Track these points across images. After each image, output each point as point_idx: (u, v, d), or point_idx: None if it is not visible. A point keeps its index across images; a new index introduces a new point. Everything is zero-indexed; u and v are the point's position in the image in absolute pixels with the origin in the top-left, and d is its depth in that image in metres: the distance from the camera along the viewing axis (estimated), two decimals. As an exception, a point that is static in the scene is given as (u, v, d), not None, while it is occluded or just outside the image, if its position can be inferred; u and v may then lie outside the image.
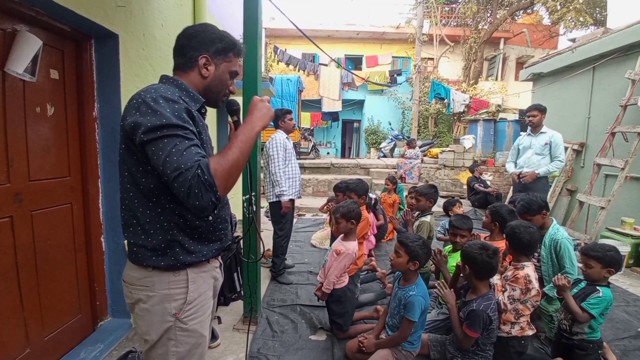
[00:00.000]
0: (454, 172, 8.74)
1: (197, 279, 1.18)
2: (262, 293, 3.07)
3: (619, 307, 3.14)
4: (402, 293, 2.04)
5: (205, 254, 1.19)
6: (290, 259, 4.01)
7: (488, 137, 9.81)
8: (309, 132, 11.26)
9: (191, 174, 0.96)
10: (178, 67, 1.22)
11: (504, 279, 2.13)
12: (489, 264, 1.91)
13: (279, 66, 13.16)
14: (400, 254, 2.03)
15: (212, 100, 1.26)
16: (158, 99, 1.03)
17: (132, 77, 2.35)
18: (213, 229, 1.22)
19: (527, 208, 2.56)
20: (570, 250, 2.43)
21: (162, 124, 0.99)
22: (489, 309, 1.88)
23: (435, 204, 3.26)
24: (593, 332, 2.04)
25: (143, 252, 1.12)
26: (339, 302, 2.44)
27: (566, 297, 2.03)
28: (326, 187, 7.81)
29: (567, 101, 5.94)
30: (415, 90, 11.73)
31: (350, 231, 2.46)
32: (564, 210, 5.71)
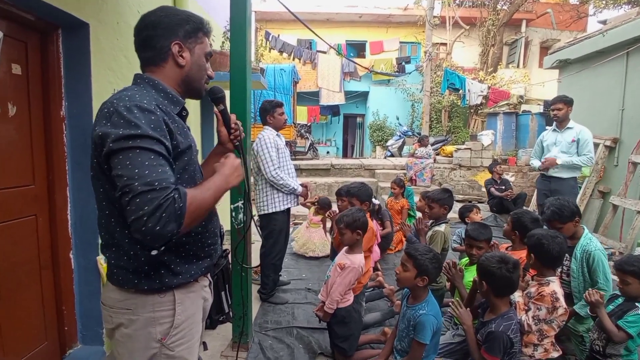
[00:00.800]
0: (471, 172, 8.77)
1: (185, 300, 1.20)
2: (253, 314, 3.07)
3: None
4: (411, 312, 2.05)
5: (193, 274, 1.21)
6: (285, 274, 4.01)
7: (509, 133, 9.83)
8: (305, 128, 11.31)
9: (165, 194, 0.95)
10: (148, 62, 1.21)
11: (527, 296, 2.14)
12: (509, 279, 1.92)
13: (271, 54, 13.22)
14: (408, 267, 2.04)
15: (195, 90, 1.27)
16: (132, 108, 1.02)
17: (105, 71, 2.36)
18: (202, 244, 1.24)
19: (559, 214, 2.57)
20: (605, 263, 2.44)
21: (135, 134, 0.99)
22: (509, 330, 1.89)
23: (451, 210, 3.27)
24: (630, 355, 2.06)
25: (124, 274, 1.14)
26: (343, 323, 2.44)
27: (600, 315, 2.04)
28: (326, 191, 7.82)
29: (597, 91, 5.97)
30: (426, 80, 11.77)
31: (356, 243, 2.47)
32: (595, 215, 5.73)
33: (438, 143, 10.66)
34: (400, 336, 2.15)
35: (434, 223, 3.19)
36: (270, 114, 3.33)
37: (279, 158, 3.29)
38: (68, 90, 2.22)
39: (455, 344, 2.46)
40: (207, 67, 1.28)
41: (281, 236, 3.39)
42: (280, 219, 3.34)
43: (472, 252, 2.62)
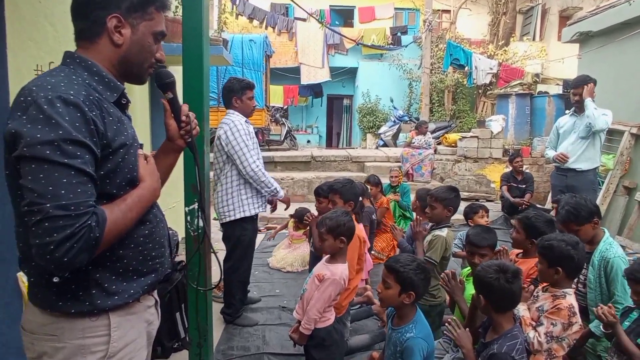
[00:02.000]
0: (478, 165, 8.94)
1: (123, 325, 1.19)
2: (216, 339, 3.06)
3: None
4: (397, 336, 2.09)
5: (133, 293, 1.20)
6: (255, 289, 4.02)
7: (523, 118, 10.04)
8: (281, 112, 11.31)
9: (81, 222, 0.97)
10: (81, 36, 1.19)
11: (538, 311, 2.20)
12: (509, 290, 1.97)
13: (238, 22, 13.10)
14: (390, 284, 2.06)
15: (134, 75, 1.26)
16: (55, 101, 1.00)
17: (25, 42, 2.29)
18: (144, 258, 1.23)
19: (575, 215, 2.65)
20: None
21: (57, 139, 0.97)
22: (514, 351, 1.95)
23: (455, 212, 3.31)
24: (654, 378, 2.14)
25: (46, 294, 1.13)
26: (322, 347, 2.46)
27: (616, 333, 2.12)
28: (306, 189, 7.84)
29: (623, 70, 6.15)
30: (426, 55, 11.89)
31: (340, 251, 2.49)
32: (620, 214, 5.93)
33: (439, 130, 10.81)
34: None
35: (434, 226, 3.22)
36: (237, 96, 3.24)
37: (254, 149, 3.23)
38: (-23, 66, 2.16)
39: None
40: (156, 49, 1.27)
41: (250, 248, 3.38)
42: (249, 227, 3.32)
43: (473, 260, 2.67)
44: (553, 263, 2.21)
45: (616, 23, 6.21)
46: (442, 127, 11.15)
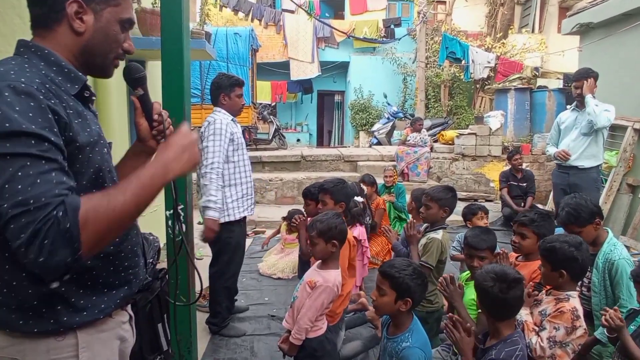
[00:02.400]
0: (476, 164, 8.99)
1: (93, 344, 1.17)
2: (200, 351, 3.05)
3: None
4: (392, 346, 2.09)
5: (103, 308, 1.18)
6: (243, 297, 4.00)
7: (522, 114, 10.12)
8: (269, 110, 11.30)
9: (43, 214, 0.90)
10: (38, 22, 1.14)
11: (541, 315, 2.22)
12: (503, 300, 1.97)
13: (223, 14, 13.05)
14: (385, 290, 2.05)
15: (97, 66, 1.22)
16: (4, 90, 0.96)
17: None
18: (115, 269, 1.21)
19: (575, 216, 2.68)
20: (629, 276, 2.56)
21: (7, 132, 0.93)
22: (513, 357, 1.96)
23: (452, 213, 3.33)
24: (660, 384, 2.17)
25: (5, 314, 1.09)
26: (313, 357, 2.45)
27: (622, 338, 2.14)
28: (295, 191, 7.83)
29: (625, 62, 6.23)
30: (421, 48, 11.96)
31: (331, 256, 2.48)
32: (624, 213, 6.00)
33: (436, 127, 10.87)
34: None
35: (428, 228, 3.23)
36: (225, 93, 3.24)
37: (233, 152, 3.22)
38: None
39: (455, 378, 2.53)
40: (123, 38, 1.23)
41: (237, 253, 3.36)
42: (237, 230, 3.31)
43: (472, 263, 2.69)
44: (557, 266, 2.22)
45: (617, 14, 6.29)
46: (439, 123, 11.21)
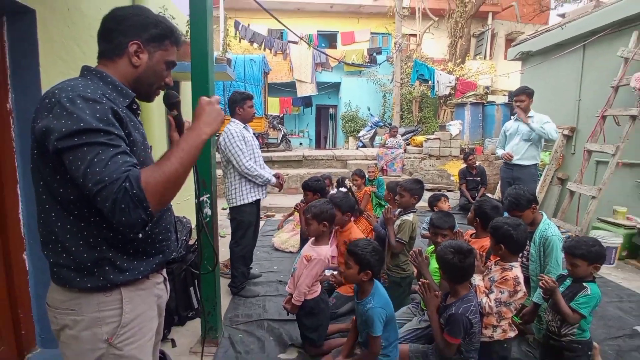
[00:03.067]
0: (440, 162, 8.98)
1: (134, 299, 1.17)
2: (224, 308, 3.04)
3: (611, 303, 3.35)
4: (361, 308, 2.09)
5: (142, 270, 1.18)
6: (257, 267, 3.99)
7: (476, 123, 10.09)
8: (278, 120, 11.20)
9: (116, 186, 0.95)
10: (103, 55, 1.19)
11: (490, 281, 2.22)
12: (460, 268, 2.00)
13: (241, 45, 12.93)
14: (350, 265, 2.06)
15: (143, 93, 1.25)
16: (75, 99, 0.99)
17: (55, 60, 2.23)
18: (152, 241, 1.21)
19: (516, 204, 2.67)
20: (558, 248, 2.56)
21: (80, 129, 0.97)
22: (468, 312, 1.97)
23: (420, 200, 3.33)
24: (582, 333, 2.17)
25: (65, 273, 1.10)
26: (311, 314, 2.46)
27: (555, 299, 2.14)
28: (298, 183, 7.79)
29: (557, 82, 6.22)
30: (396, 71, 11.90)
31: (323, 234, 2.48)
32: (555, 200, 6.01)
33: (408, 133, 10.82)
34: (360, 330, 2.19)
35: (402, 212, 3.23)
36: (239, 106, 3.28)
37: (247, 149, 3.25)
38: (15, 81, 2.08)
39: (422, 329, 2.53)
40: (166, 74, 1.27)
41: (250, 229, 3.36)
42: (249, 210, 3.32)
43: (437, 239, 2.69)
44: (498, 241, 2.23)
45: (551, 44, 6.28)
46: (411, 130, 11.17)
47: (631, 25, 4.93)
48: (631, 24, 4.94)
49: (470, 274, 2.07)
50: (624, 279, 3.96)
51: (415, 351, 2.31)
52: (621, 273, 4.13)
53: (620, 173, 4.80)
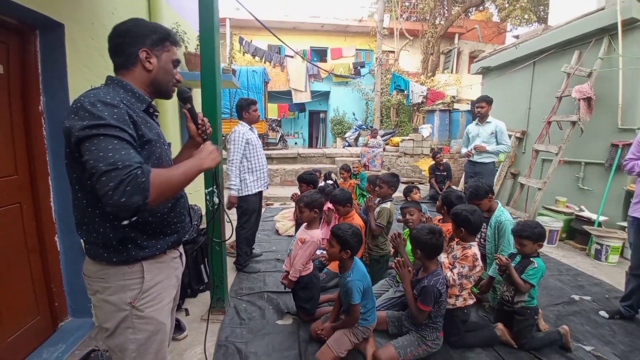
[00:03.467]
0: (413, 159, 9.03)
1: (153, 269, 1.19)
2: (230, 283, 3.04)
3: (552, 276, 3.43)
4: (342, 281, 2.11)
5: (160, 247, 1.20)
6: (258, 247, 3.98)
7: (444, 126, 10.17)
8: (276, 123, 11.10)
9: (127, 171, 0.94)
10: (120, 67, 1.18)
11: (453, 258, 2.25)
12: (436, 245, 2.02)
13: (244, 58, 12.75)
14: (333, 244, 2.07)
15: (163, 92, 1.24)
16: (96, 103, 1.00)
17: (81, 68, 2.17)
18: (167, 224, 1.22)
19: (475, 194, 2.71)
20: (509, 231, 2.60)
21: (99, 123, 0.97)
22: (438, 284, 2.00)
23: (396, 191, 3.34)
24: (531, 300, 2.23)
25: (95, 249, 1.13)
26: (305, 288, 2.47)
27: (510, 274, 2.19)
28: (293, 177, 7.79)
29: (511, 93, 6.27)
30: (377, 82, 11.86)
31: (314, 220, 2.48)
32: (508, 192, 6.10)
33: (387, 135, 10.83)
34: (343, 299, 2.21)
35: (381, 201, 3.24)
36: (245, 110, 3.25)
37: (250, 149, 3.20)
38: (46, 87, 2.03)
39: (397, 298, 2.56)
40: (175, 72, 1.25)
41: (253, 215, 3.34)
42: (252, 200, 3.29)
43: (406, 217, 2.73)
44: (458, 225, 2.26)
45: (507, 61, 6.32)
46: (389, 132, 11.17)
47: (573, 45, 4.99)
48: (573, 44, 4.99)
49: (441, 250, 2.09)
50: (564, 256, 4.06)
51: (391, 316, 2.34)
52: (561, 251, 4.22)
53: (561, 169, 4.89)
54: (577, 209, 4.57)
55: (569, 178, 4.95)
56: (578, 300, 2.92)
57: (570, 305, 2.84)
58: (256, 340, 2.28)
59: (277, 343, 2.25)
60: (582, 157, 4.74)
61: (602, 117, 4.46)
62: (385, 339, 2.25)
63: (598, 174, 4.52)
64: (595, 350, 2.24)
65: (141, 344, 1.15)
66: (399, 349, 2.03)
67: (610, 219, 4.20)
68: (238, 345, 2.22)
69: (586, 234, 4.11)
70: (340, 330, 2.10)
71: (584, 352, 2.22)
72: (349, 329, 2.09)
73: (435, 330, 2.09)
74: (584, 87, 4.43)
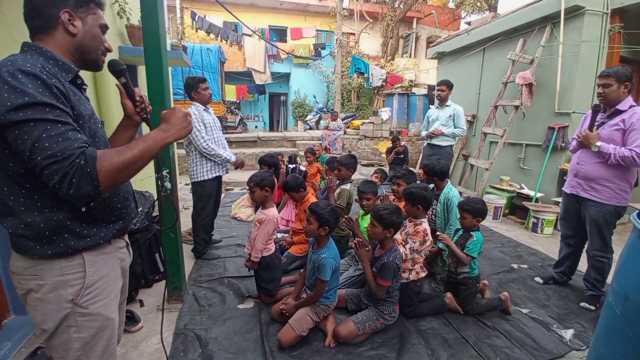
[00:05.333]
0: (373, 142, 9.25)
1: (97, 262, 1.09)
2: (188, 270, 2.96)
3: (495, 248, 3.76)
4: (315, 256, 2.15)
5: (103, 236, 1.10)
6: (218, 233, 3.90)
7: (402, 110, 10.47)
8: (235, 105, 10.72)
9: (69, 162, 0.85)
10: (37, 31, 1.02)
11: (405, 234, 2.38)
12: (397, 222, 2.13)
13: (198, 34, 12.03)
14: (311, 221, 2.11)
15: (91, 60, 1.10)
16: (16, 73, 0.86)
17: (7, 42, 1.93)
18: (110, 209, 1.12)
19: (442, 172, 2.88)
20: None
21: (25, 103, 0.84)
22: (396, 259, 2.11)
23: (355, 172, 3.41)
24: (472, 271, 2.43)
25: (24, 242, 0.99)
26: (267, 269, 2.48)
27: (451, 247, 2.36)
28: (254, 161, 7.64)
29: (464, 78, 6.59)
30: (338, 64, 11.84)
31: (267, 199, 2.48)
32: (460, 172, 6.51)
33: (348, 118, 10.94)
34: (308, 275, 2.25)
35: (341, 182, 3.30)
36: (194, 90, 3.04)
37: (207, 131, 3.05)
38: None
39: (356, 276, 2.67)
40: (104, 39, 1.11)
41: (210, 201, 3.23)
42: (209, 185, 3.17)
43: (362, 202, 2.82)
44: (415, 202, 2.38)
45: (460, 46, 6.59)
46: (350, 116, 11.28)
47: (519, 33, 5.32)
48: (519, 32, 5.32)
49: (399, 227, 2.19)
50: (506, 230, 4.46)
51: (350, 294, 2.44)
52: (504, 226, 4.63)
53: (506, 150, 5.30)
54: (519, 187, 5.01)
55: (512, 159, 5.38)
56: (517, 269, 3.24)
57: (509, 273, 3.14)
58: (217, 325, 2.27)
59: (238, 327, 2.26)
60: (523, 139, 5.16)
61: (541, 102, 4.86)
62: (345, 315, 2.34)
63: (536, 155, 4.96)
64: (532, 312, 2.51)
65: (86, 342, 1.07)
66: (358, 324, 2.13)
67: (546, 195, 4.66)
68: (197, 332, 2.20)
69: (525, 209, 4.53)
70: (301, 309, 2.15)
71: (522, 314, 2.48)
72: (310, 307, 2.15)
73: (392, 305, 2.22)
74: (526, 74, 4.78)
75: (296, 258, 3.12)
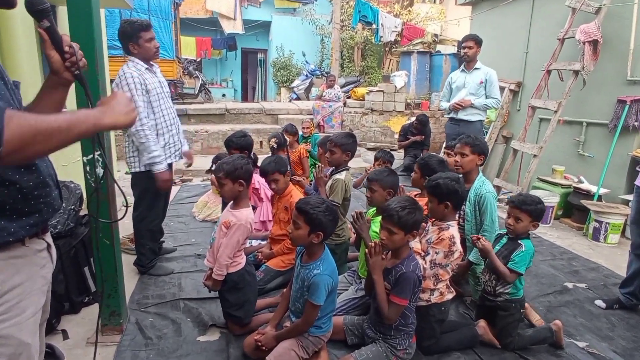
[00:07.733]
0: (383, 118, 9.23)
1: (6, 268, 1.10)
2: (130, 290, 2.95)
3: (545, 261, 3.83)
4: (305, 272, 2.15)
5: (13, 232, 1.09)
6: (170, 240, 3.89)
7: (423, 74, 10.46)
8: (194, 65, 10.64)
9: None
10: None
11: (427, 243, 2.39)
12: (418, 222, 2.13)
13: (143, -35, 11.76)
14: (299, 224, 2.08)
15: None
16: None
17: None
18: (24, 197, 1.11)
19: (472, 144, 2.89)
20: (493, 206, 2.82)
21: None
22: (417, 269, 2.14)
23: (353, 157, 3.38)
24: (517, 292, 2.46)
25: None
26: (235, 289, 2.47)
27: (491, 259, 2.38)
28: (220, 142, 7.57)
29: (506, 32, 6.60)
30: (336, 10, 11.70)
31: (240, 195, 2.45)
32: (499, 159, 6.57)
33: (349, 85, 10.91)
34: (294, 297, 2.24)
35: (334, 171, 3.27)
36: (132, 41, 2.87)
37: (151, 102, 2.92)
38: None
39: (358, 299, 2.68)
40: None
41: (158, 199, 3.19)
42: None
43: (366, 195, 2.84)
44: (442, 198, 2.38)
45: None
46: (352, 81, 11.27)
47: (581, -29, 5.31)
48: (581, -30, 5.31)
49: (419, 226, 2.20)
50: (558, 237, 4.53)
51: (350, 323, 2.45)
52: (556, 232, 4.71)
53: (560, 130, 5.35)
54: (576, 180, 5.09)
55: (568, 142, 5.44)
56: (572, 289, 3.31)
57: (562, 295, 3.20)
58: (169, 364, 2.28)
59: (198, 366, 2.27)
60: (583, 116, 5.22)
61: (609, 66, 4.91)
62: (344, 350, 2.35)
63: (601, 137, 5.03)
64: (590, 346, 2.55)
65: None
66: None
67: (612, 191, 4.74)
68: (142, 373, 2.20)
69: (584, 210, 4.61)
70: (284, 342, 2.15)
71: (577, 348, 2.52)
72: (296, 339, 2.15)
73: (407, 336, 2.24)
74: (590, 27, 4.80)
75: (277, 274, 3.12)
